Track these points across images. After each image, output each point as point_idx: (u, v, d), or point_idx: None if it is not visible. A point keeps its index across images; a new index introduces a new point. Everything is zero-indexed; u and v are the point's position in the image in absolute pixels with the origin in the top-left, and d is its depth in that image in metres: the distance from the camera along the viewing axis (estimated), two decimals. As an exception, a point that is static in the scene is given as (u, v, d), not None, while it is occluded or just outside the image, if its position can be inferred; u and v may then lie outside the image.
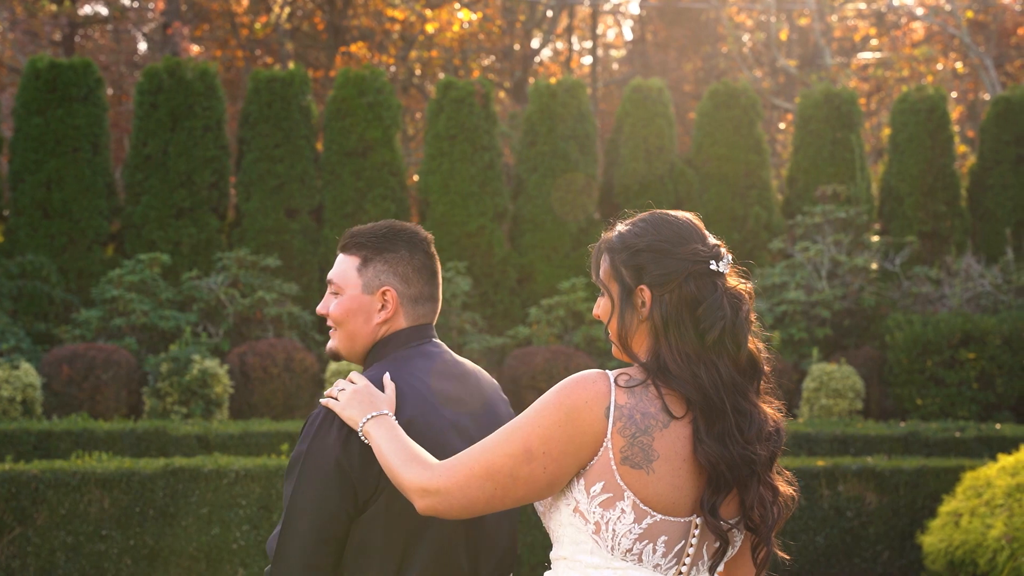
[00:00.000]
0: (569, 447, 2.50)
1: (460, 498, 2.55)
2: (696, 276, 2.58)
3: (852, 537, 9.01)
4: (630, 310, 2.60)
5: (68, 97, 14.81)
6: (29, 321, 13.74)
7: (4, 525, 7.68)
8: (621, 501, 2.51)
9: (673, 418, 2.52)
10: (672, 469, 2.51)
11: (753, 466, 2.55)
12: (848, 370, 12.85)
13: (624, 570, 2.53)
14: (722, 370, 2.54)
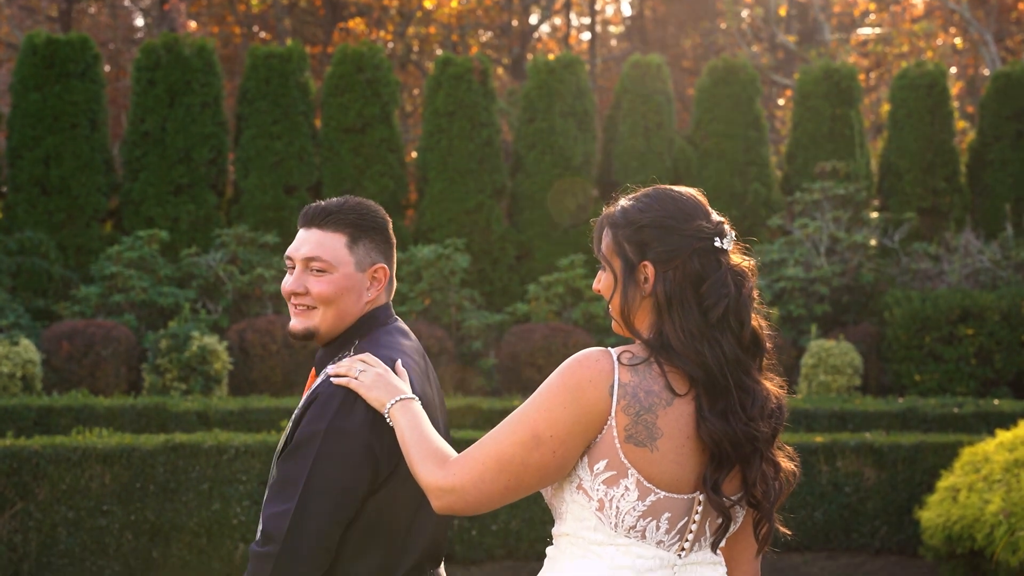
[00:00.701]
0: (576, 427, 2.50)
1: (476, 494, 2.54)
2: (700, 253, 2.57)
3: (850, 512, 9.05)
4: (633, 286, 2.59)
5: (66, 73, 14.78)
6: (28, 297, 13.75)
7: (6, 500, 7.70)
8: (625, 479, 2.51)
9: (676, 396, 2.51)
10: (676, 447, 2.51)
11: (756, 443, 2.54)
12: (846, 346, 12.87)
13: (627, 547, 2.54)
14: (725, 347, 2.54)
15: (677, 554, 2.57)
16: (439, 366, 12.98)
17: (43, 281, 13.94)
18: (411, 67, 26.02)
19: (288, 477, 2.77)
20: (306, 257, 2.92)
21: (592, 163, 16.06)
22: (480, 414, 10.32)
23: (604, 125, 16.94)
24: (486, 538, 8.72)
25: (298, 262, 2.93)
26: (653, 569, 2.55)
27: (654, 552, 2.55)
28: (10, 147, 14.85)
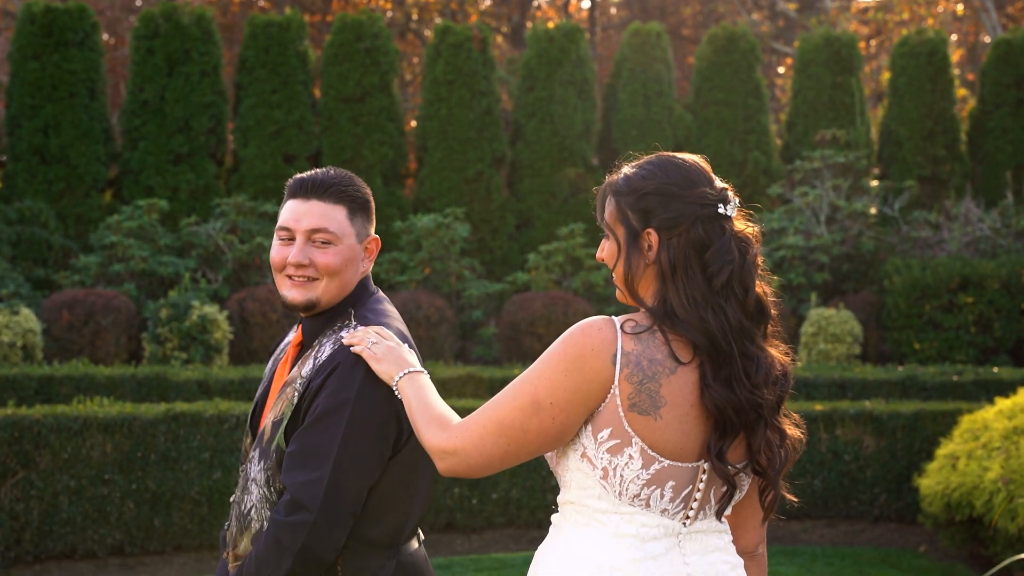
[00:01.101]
0: (576, 396, 2.50)
1: (476, 456, 2.56)
2: (704, 220, 2.56)
3: (849, 480, 9.07)
4: (636, 254, 2.58)
5: (64, 42, 14.73)
6: (28, 267, 13.75)
7: (7, 469, 7.72)
8: (629, 447, 2.51)
9: (680, 364, 2.51)
10: (680, 415, 2.51)
11: (760, 410, 2.54)
12: (846, 315, 12.87)
13: (631, 515, 2.54)
14: (730, 314, 2.53)
15: (682, 522, 2.57)
16: (439, 335, 12.99)
17: (43, 250, 13.94)
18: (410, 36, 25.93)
19: (316, 445, 2.78)
20: (311, 228, 2.91)
21: (592, 132, 16.02)
22: (480, 383, 10.33)
23: (604, 94, 16.89)
24: (487, 506, 8.75)
25: (300, 233, 2.92)
26: (658, 537, 2.55)
27: (658, 520, 2.55)
28: (9, 116, 14.81)
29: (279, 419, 2.88)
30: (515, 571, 7.74)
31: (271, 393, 2.98)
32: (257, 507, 2.88)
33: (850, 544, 8.80)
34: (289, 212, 2.94)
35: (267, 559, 2.78)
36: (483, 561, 8.08)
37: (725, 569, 2.63)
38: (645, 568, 2.53)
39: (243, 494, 2.93)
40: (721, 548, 2.64)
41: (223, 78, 15.45)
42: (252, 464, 2.92)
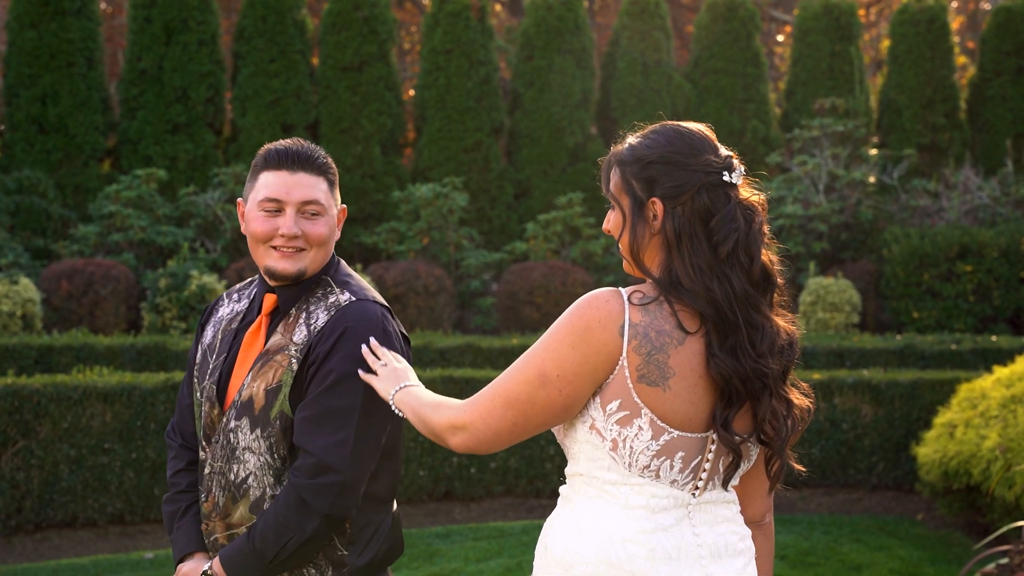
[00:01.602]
0: (584, 368, 2.50)
1: (485, 430, 2.56)
2: (709, 188, 2.55)
3: (847, 449, 9.10)
4: (642, 223, 2.57)
5: (61, 10, 14.67)
6: (27, 236, 13.74)
7: (8, 438, 7.75)
8: (638, 418, 2.51)
9: (687, 334, 2.50)
10: (688, 385, 2.51)
11: (765, 379, 2.54)
12: (845, 284, 12.88)
13: (641, 486, 2.54)
14: (735, 283, 2.52)
15: (691, 493, 2.58)
16: (438, 305, 13.00)
17: (42, 220, 13.92)
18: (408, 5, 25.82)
19: (336, 408, 2.86)
20: (303, 200, 2.96)
21: (590, 101, 15.99)
22: (479, 352, 10.35)
23: (602, 62, 16.84)
24: (485, 475, 8.78)
25: (292, 205, 2.96)
26: (667, 508, 2.55)
27: (668, 491, 2.55)
28: (7, 85, 14.77)
29: (275, 386, 2.91)
30: (513, 539, 7.78)
31: (239, 362, 2.99)
32: (256, 475, 2.91)
33: (848, 512, 8.84)
34: (277, 184, 2.96)
35: (289, 522, 2.83)
36: (482, 530, 8.12)
37: (734, 540, 2.64)
38: (656, 539, 2.53)
39: (228, 463, 2.93)
40: (730, 519, 2.65)
41: (221, 47, 15.40)
42: (239, 433, 2.93)
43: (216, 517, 2.97)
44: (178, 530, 3.04)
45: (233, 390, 2.98)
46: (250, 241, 3.01)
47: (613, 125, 16.23)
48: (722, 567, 2.60)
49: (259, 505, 2.91)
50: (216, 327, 3.09)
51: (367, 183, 15.18)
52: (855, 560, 7.33)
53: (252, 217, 2.99)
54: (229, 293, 3.17)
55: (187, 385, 3.13)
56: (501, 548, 7.54)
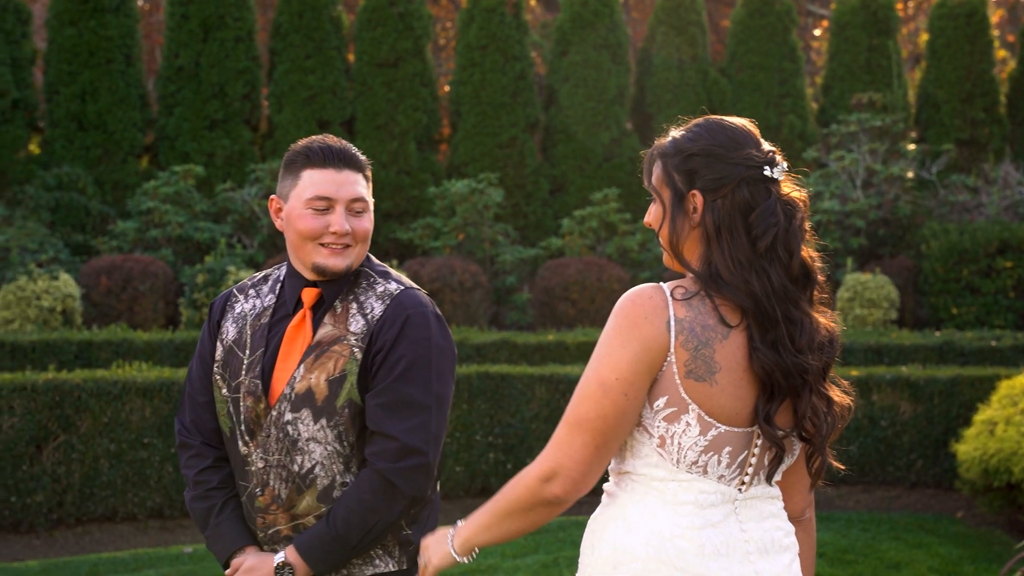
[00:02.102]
0: (640, 365, 2.48)
1: (573, 464, 2.49)
2: (749, 182, 2.54)
3: (886, 446, 9.05)
4: (681, 216, 2.56)
5: (100, 8, 14.77)
6: (67, 232, 13.86)
7: (49, 432, 7.81)
8: (686, 414, 2.50)
9: (730, 328, 2.50)
10: (734, 380, 2.50)
11: (805, 375, 2.53)
12: (883, 280, 12.81)
13: (689, 482, 2.53)
14: (773, 278, 2.51)
15: (737, 488, 2.57)
16: (473, 301, 13.01)
17: (81, 216, 14.04)
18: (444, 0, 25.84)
19: (411, 394, 2.93)
20: (353, 198, 3.01)
21: (626, 96, 15.96)
22: (514, 349, 10.35)
23: (638, 57, 16.81)
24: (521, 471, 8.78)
25: (342, 203, 3.01)
26: (715, 504, 2.55)
27: (715, 487, 2.54)
28: (47, 83, 14.89)
29: (338, 376, 2.96)
30: (550, 536, 7.78)
31: (283, 355, 3.01)
32: (323, 464, 2.95)
33: (886, 510, 8.79)
34: (325, 182, 3.00)
35: (376, 506, 2.91)
36: (519, 525, 8.11)
37: (779, 536, 2.63)
38: (705, 535, 2.53)
39: (290, 455, 2.96)
40: (775, 514, 2.64)
41: (257, 44, 15.47)
42: (300, 424, 2.96)
43: (278, 510, 2.99)
44: (218, 526, 3.04)
45: (279, 383, 3.00)
46: (295, 239, 3.02)
47: (648, 121, 16.19)
48: (769, 563, 2.59)
49: (328, 494, 2.96)
50: (239, 323, 3.08)
51: (403, 179, 15.21)
52: (894, 558, 7.28)
53: (299, 215, 3.01)
54: (241, 288, 3.16)
55: (200, 382, 3.11)
56: (538, 544, 7.55)
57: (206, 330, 3.13)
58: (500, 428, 8.70)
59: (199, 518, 3.08)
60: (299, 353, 3.01)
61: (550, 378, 8.82)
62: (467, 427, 8.64)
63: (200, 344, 3.13)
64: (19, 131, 14.49)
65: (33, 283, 11.63)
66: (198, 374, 3.11)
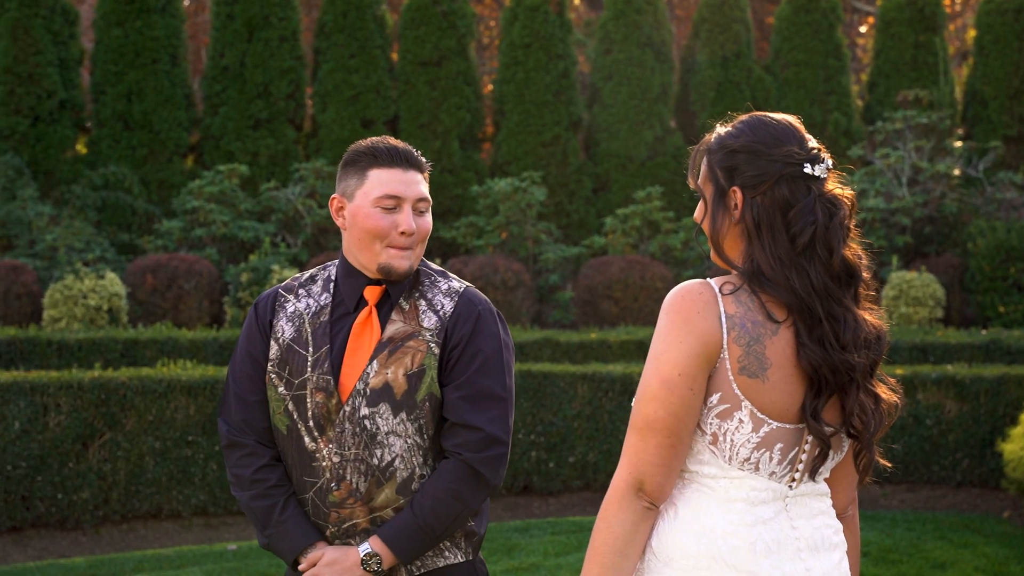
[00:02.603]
0: (699, 359, 2.47)
1: (654, 470, 2.49)
2: (789, 179, 2.53)
3: (931, 445, 8.97)
4: (722, 211, 2.57)
5: (146, 8, 14.90)
6: (113, 231, 13.99)
7: (95, 430, 7.89)
8: (739, 411, 2.49)
9: (778, 323, 2.50)
10: (784, 376, 2.50)
11: (852, 372, 2.51)
12: (928, 278, 12.70)
13: (740, 479, 2.53)
14: (813, 276, 2.50)
15: (788, 485, 2.57)
16: (516, 299, 13.02)
17: (127, 215, 14.16)
18: (487, -1, 25.86)
19: (489, 386, 3.02)
20: (419, 197, 3.07)
21: (669, 94, 15.91)
22: (557, 347, 10.35)
23: (681, 55, 16.75)
24: (563, 470, 8.78)
25: (410, 202, 3.06)
26: (766, 501, 2.54)
27: (767, 484, 2.54)
28: (93, 83, 15.04)
29: (417, 371, 3.01)
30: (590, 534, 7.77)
31: (350, 352, 3.04)
32: (403, 457, 3.00)
33: (932, 509, 8.72)
34: (396, 181, 3.05)
35: (463, 495, 2.99)
36: (560, 524, 8.12)
37: (829, 533, 2.62)
38: (756, 532, 2.52)
39: (369, 449, 3.00)
40: (824, 511, 2.63)
41: (302, 43, 15.55)
42: (378, 418, 3.00)
43: (355, 503, 3.01)
44: (283, 523, 3.04)
45: (348, 379, 3.03)
46: (362, 237, 3.06)
47: (692, 119, 16.14)
48: (819, 560, 2.58)
49: (406, 486, 3.00)
50: (295, 322, 3.09)
51: (446, 178, 15.24)
52: (939, 558, 7.22)
53: (366, 214, 3.05)
54: (288, 288, 3.16)
55: (251, 382, 3.11)
56: (580, 543, 7.54)
57: (254, 329, 3.12)
58: (542, 427, 8.70)
59: (260, 517, 3.07)
60: (367, 350, 3.04)
61: (592, 376, 8.81)
62: (509, 425, 8.64)
63: (246, 343, 3.12)
64: (66, 131, 14.65)
65: (80, 282, 11.75)
66: (247, 374, 3.11)
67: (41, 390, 7.78)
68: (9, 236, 13.48)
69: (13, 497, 7.74)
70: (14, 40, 14.44)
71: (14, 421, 7.69)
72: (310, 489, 3.04)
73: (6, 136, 14.40)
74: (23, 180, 13.88)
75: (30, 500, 7.78)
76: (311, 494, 3.04)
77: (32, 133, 14.50)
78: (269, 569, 7.03)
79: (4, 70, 14.44)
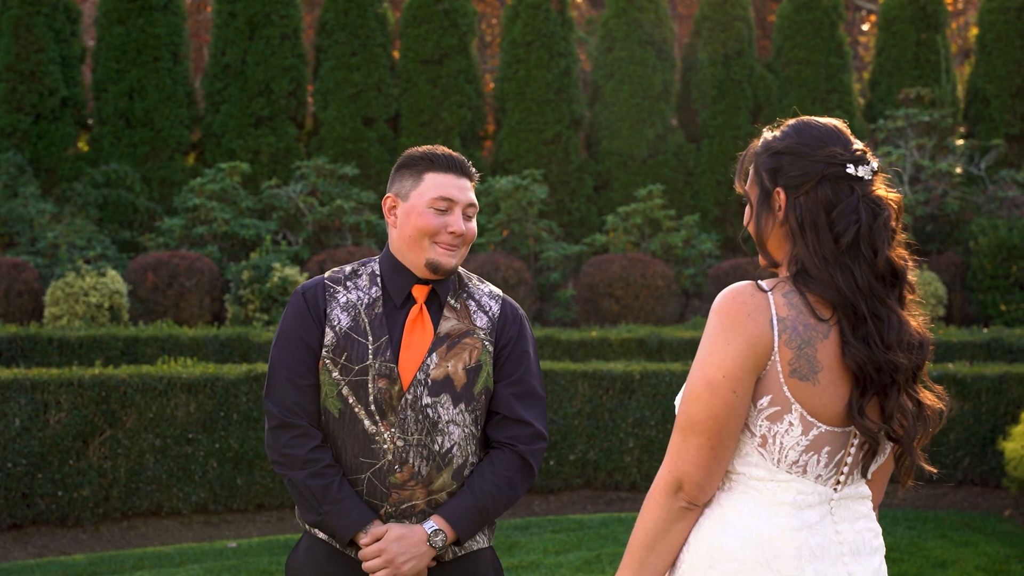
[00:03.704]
0: (747, 361, 2.48)
1: (692, 469, 2.51)
2: (832, 179, 2.55)
3: (932, 443, 8.97)
4: (767, 212, 2.59)
5: (148, 6, 14.90)
6: (114, 229, 13.99)
7: (95, 427, 7.88)
8: (789, 414, 2.49)
9: (825, 323, 2.50)
10: (834, 379, 2.50)
11: (895, 373, 2.51)
12: (930, 276, 12.69)
13: (788, 482, 2.53)
14: (857, 275, 2.50)
15: (833, 488, 2.57)
16: (517, 297, 13.02)
17: (128, 213, 14.16)
18: (489, -4, 25.85)
19: (533, 385, 3.32)
20: (469, 203, 3.30)
21: (671, 92, 15.90)
22: (558, 345, 10.35)
23: (683, 53, 16.75)
24: (564, 468, 8.77)
25: (462, 206, 3.28)
26: (812, 505, 2.54)
27: (813, 487, 2.54)
28: (95, 81, 15.04)
29: (475, 366, 3.24)
30: (592, 532, 7.77)
31: (406, 344, 3.24)
32: (460, 445, 3.22)
33: (933, 508, 8.72)
34: (450, 185, 3.27)
35: (515, 482, 3.26)
36: (560, 522, 8.12)
37: (870, 537, 2.62)
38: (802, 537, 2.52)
39: (431, 436, 3.19)
40: (865, 515, 2.64)
41: (303, 41, 15.55)
42: (440, 408, 3.21)
43: (416, 485, 3.19)
44: (340, 502, 3.17)
45: (406, 370, 3.22)
46: (413, 234, 3.25)
47: (693, 117, 16.13)
48: (860, 565, 2.59)
49: (460, 472, 3.22)
50: (351, 312, 3.25)
51: (447, 176, 15.23)
52: (940, 556, 7.22)
53: (420, 213, 3.25)
54: (334, 280, 3.31)
55: (304, 366, 3.24)
56: (580, 541, 7.54)
57: (307, 316, 3.25)
58: (543, 424, 8.69)
59: (316, 494, 3.18)
60: (422, 343, 3.24)
61: (593, 374, 8.80)
62: (510, 423, 8.63)
63: (297, 330, 3.25)
64: (68, 128, 14.65)
65: (81, 279, 11.75)
66: (299, 358, 3.24)
67: (42, 387, 7.78)
68: (11, 233, 13.48)
69: (14, 494, 7.74)
70: (16, 38, 14.44)
71: (15, 418, 7.68)
72: (367, 470, 3.19)
73: (8, 134, 14.40)
74: (25, 177, 13.89)
75: (31, 497, 7.78)
76: (368, 475, 3.19)
77: (34, 131, 14.50)
78: (269, 566, 7.03)
79: (6, 68, 14.44)
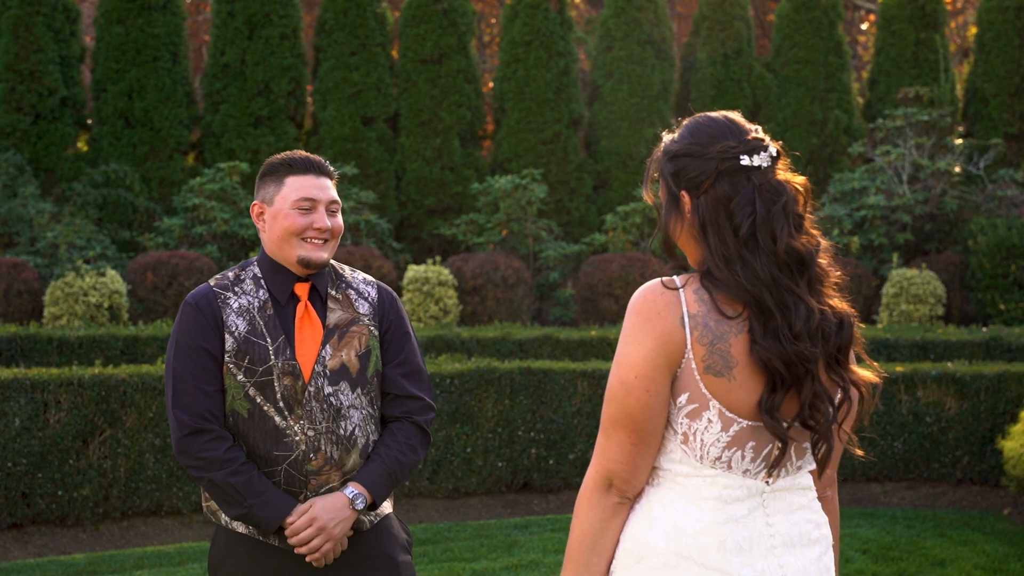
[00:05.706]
0: (658, 360, 2.48)
1: (618, 465, 2.54)
2: (728, 173, 2.52)
3: (931, 442, 8.98)
4: (676, 216, 2.57)
5: (147, 6, 14.91)
6: (113, 229, 13.99)
7: (95, 427, 7.89)
8: (707, 411, 2.49)
9: (737, 321, 2.49)
10: (749, 374, 2.48)
11: (806, 363, 2.48)
12: (929, 275, 12.70)
13: (713, 477, 2.53)
14: (758, 268, 2.48)
15: (764, 481, 2.56)
16: (516, 297, 13.03)
17: (128, 213, 14.17)
18: (488, -4, 25.85)
19: (417, 363, 3.59)
20: (331, 200, 3.50)
21: (670, 91, 15.91)
22: (557, 344, 10.35)
23: (682, 53, 16.76)
24: (563, 467, 8.78)
25: (324, 204, 3.48)
26: (740, 499, 2.54)
27: (741, 481, 2.53)
28: (94, 80, 15.05)
29: (365, 351, 3.47)
30: (592, 531, 7.77)
31: (299, 340, 3.43)
32: (361, 427, 3.46)
33: (931, 507, 8.73)
34: (311, 186, 3.47)
35: (416, 447, 3.53)
36: (560, 521, 8.13)
37: (809, 528, 2.61)
38: (727, 530, 2.52)
39: (335, 422, 3.42)
40: (805, 506, 2.62)
41: (302, 41, 15.55)
42: (340, 395, 3.43)
43: (331, 469, 3.42)
44: (263, 494, 3.36)
45: (307, 363, 3.42)
46: (281, 235, 3.44)
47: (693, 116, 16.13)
48: (795, 556, 2.57)
49: (365, 451, 3.46)
50: (246, 316, 3.43)
51: (446, 175, 15.24)
52: (939, 555, 7.23)
53: (285, 215, 3.45)
54: (221, 287, 3.46)
55: (207, 373, 3.40)
56: (579, 539, 7.54)
57: (204, 325, 3.41)
58: (542, 424, 8.71)
59: (238, 491, 3.35)
60: (313, 337, 3.44)
61: (592, 374, 8.81)
62: (509, 423, 8.65)
63: (196, 339, 3.40)
64: (67, 128, 14.66)
65: (80, 279, 11.76)
66: (203, 366, 3.40)
67: (42, 387, 7.79)
68: (10, 233, 13.49)
69: (14, 494, 7.75)
70: (15, 38, 14.44)
71: (15, 418, 7.69)
72: (283, 462, 3.39)
73: (7, 133, 14.40)
74: (24, 177, 13.89)
75: (30, 497, 7.79)
76: (284, 466, 3.39)
77: (33, 131, 14.51)
78: (269, 566, 7.03)
79: (5, 68, 14.45)
